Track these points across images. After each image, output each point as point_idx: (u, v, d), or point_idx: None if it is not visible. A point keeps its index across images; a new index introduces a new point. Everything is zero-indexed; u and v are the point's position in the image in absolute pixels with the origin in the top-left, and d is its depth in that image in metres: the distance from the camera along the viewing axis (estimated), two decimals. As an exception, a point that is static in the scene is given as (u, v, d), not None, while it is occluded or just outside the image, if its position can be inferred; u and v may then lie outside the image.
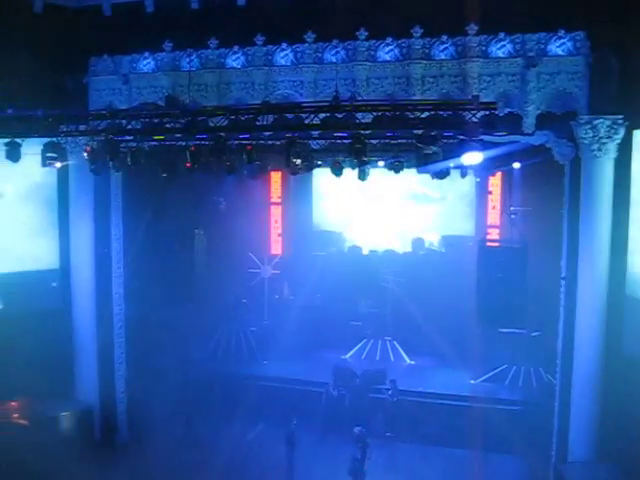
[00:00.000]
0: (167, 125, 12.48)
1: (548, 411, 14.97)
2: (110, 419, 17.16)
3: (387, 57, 14.09)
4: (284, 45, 14.73)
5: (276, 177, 21.03)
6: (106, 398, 17.10)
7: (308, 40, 14.59)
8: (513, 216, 18.27)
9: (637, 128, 13.10)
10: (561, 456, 14.26)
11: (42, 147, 13.06)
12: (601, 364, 13.55)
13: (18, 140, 12.93)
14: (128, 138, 12.96)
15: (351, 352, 20.46)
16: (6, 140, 12.95)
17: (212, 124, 12.45)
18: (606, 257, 13.44)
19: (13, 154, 12.94)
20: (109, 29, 16.32)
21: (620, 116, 13.03)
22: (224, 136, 11.99)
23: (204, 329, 20.04)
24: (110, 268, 16.74)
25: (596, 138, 13.13)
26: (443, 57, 13.81)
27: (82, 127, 13.06)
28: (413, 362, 20.12)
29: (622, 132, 13.12)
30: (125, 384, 17.30)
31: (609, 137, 13.09)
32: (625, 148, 13.29)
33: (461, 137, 11.15)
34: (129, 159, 12.73)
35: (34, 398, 15.94)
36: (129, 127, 12.62)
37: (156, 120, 12.67)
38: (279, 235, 21.56)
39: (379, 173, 14.34)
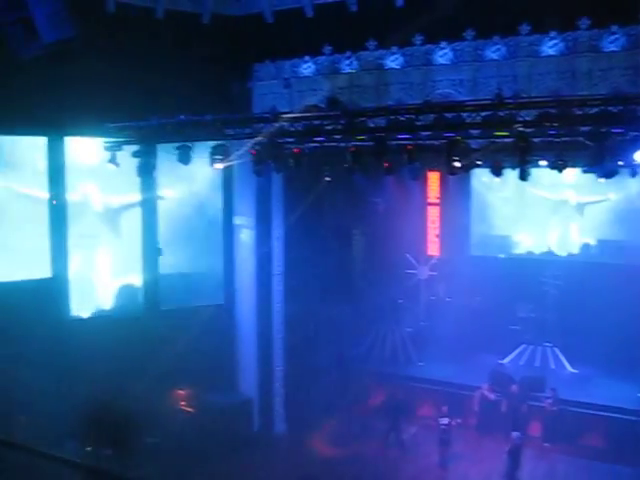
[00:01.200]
0: (327, 127, 12.72)
1: None
2: (268, 411, 17.77)
3: (551, 51, 13.55)
4: (443, 44, 14.59)
5: (434, 177, 20.75)
6: (265, 391, 17.74)
7: (467, 38, 14.33)
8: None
9: None
10: None
11: (210, 149, 13.73)
12: None
13: (188, 144, 13.69)
14: (290, 140, 13.34)
15: (509, 357, 19.83)
16: (178, 144, 13.76)
17: (372, 125, 12.55)
18: None
19: (184, 157, 13.74)
20: (271, 36, 16.92)
21: None
22: (384, 136, 12.03)
23: (360, 328, 20.22)
24: (271, 267, 17.35)
25: None
26: (613, 49, 13.06)
27: (247, 130, 13.60)
28: (576, 371, 19.15)
29: None
30: (283, 378, 17.82)
31: None
32: None
33: (633, 134, 10.47)
34: (291, 161, 13.10)
35: (199, 388, 16.82)
36: (291, 129, 12.98)
37: (316, 122, 12.95)
38: (436, 236, 21.26)
39: (543, 172, 13.83)
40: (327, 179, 13.76)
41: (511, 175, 12.58)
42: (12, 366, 13.85)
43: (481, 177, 20.03)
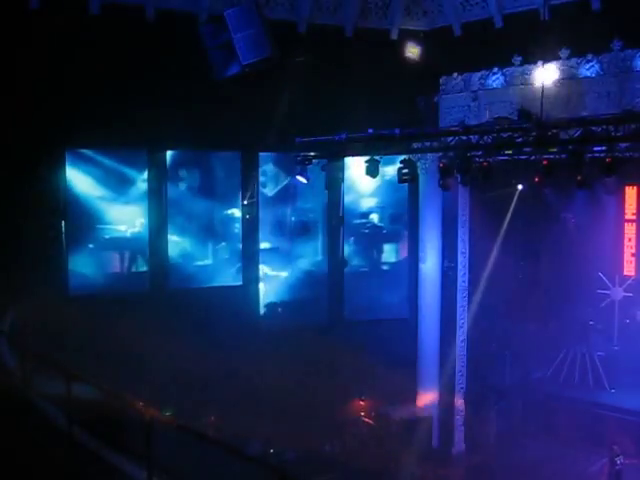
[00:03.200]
0: (518, 139, 12.37)
1: None
2: (448, 429, 17.48)
3: None
4: (644, 49, 13.68)
5: (631, 192, 19.44)
6: (445, 408, 17.48)
7: (675, 40, 13.37)
8: None
9: None
10: None
11: (398, 164, 13.86)
12: None
13: (377, 157, 13.91)
14: (477, 153, 13.13)
15: None
16: (367, 157, 14.02)
17: (564, 137, 12.03)
18: None
19: (373, 170, 13.97)
20: (458, 48, 16.80)
21: None
22: (579, 149, 11.49)
23: (547, 349, 19.34)
24: (456, 281, 17.12)
25: None
26: None
27: (434, 144, 13.56)
28: None
29: None
30: (464, 397, 17.48)
31: None
32: None
33: None
34: (480, 174, 12.89)
35: (379, 399, 16.92)
36: (480, 142, 12.78)
37: (505, 135, 12.64)
38: (633, 255, 19.87)
39: None
40: (519, 187, 13.25)
41: None
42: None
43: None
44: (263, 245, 17.30)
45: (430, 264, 17.19)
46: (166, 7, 15.65)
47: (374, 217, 18.96)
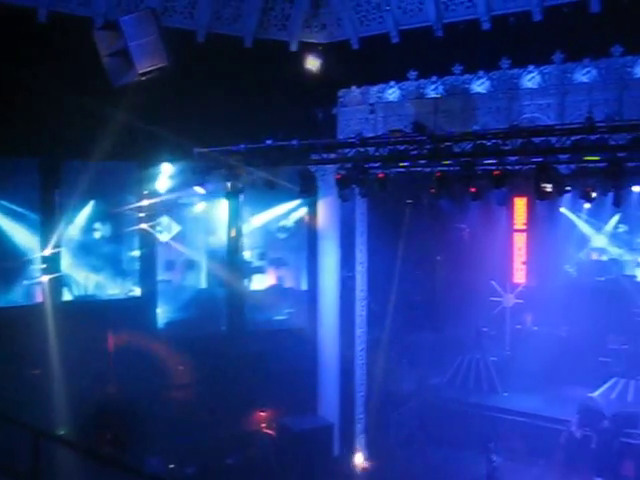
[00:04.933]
0: (413, 152, 12.70)
1: None
2: (349, 437, 17.64)
3: (645, 73, 13.13)
4: (531, 67, 14.38)
5: (520, 203, 20.34)
6: (346, 417, 17.64)
7: (556, 61, 14.08)
8: None
9: None
10: None
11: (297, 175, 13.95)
12: None
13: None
14: (375, 165, 13.39)
15: (599, 390, 19.00)
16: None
17: (457, 150, 12.45)
18: None
19: (271, 182, 14.00)
20: (356, 62, 17.08)
21: None
22: (470, 162, 11.92)
23: (443, 355, 19.91)
24: (354, 291, 17.35)
25: None
26: None
27: (332, 155, 13.73)
28: (672, 406, 18.22)
29: None
30: (364, 405, 17.70)
31: None
32: None
33: None
34: (376, 185, 13.13)
35: (280, 410, 16.90)
36: (376, 154, 13.03)
37: (402, 147, 12.96)
38: (523, 263, 20.76)
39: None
40: (408, 201, 13.65)
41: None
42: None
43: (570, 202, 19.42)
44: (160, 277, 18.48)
45: (329, 273, 17.37)
46: (60, 10, 15.16)
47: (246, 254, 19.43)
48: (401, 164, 13.30)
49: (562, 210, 19.88)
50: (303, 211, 18.26)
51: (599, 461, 16.32)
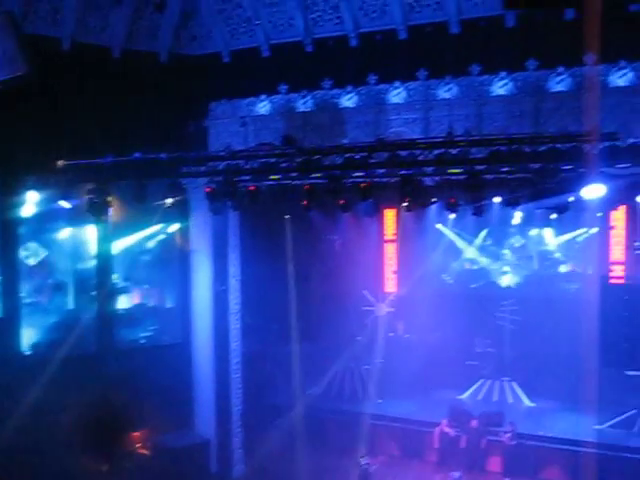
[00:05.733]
0: (283, 165, 12.82)
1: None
2: (226, 452, 17.49)
3: (501, 91, 13.93)
4: (397, 83, 14.88)
5: (390, 214, 20.98)
6: (223, 432, 17.47)
7: (420, 77, 14.65)
8: (638, 252, 17.38)
9: None
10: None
11: (166, 188, 13.73)
12: None
13: (143, 182, 13.66)
14: (246, 178, 13.40)
15: (467, 392, 19.90)
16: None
17: (327, 163, 12.69)
18: None
19: (140, 196, 13.68)
20: (227, 75, 17.04)
21: None
22: (339, 175, 12.17)
23: (319, 366, 20.14)
24: (227, 305, 17.24)
25: None
26: (560, 89, 13.50)
27: (202, 169, 13.62)
28: (533, 404, 19.29)
29: None
30: (241, 418, 17.59)
31: None
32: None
33: (581, 170, 10.79)
34: (247, 199, 13.15)
35: (155, 429, 16.50)
36: (246, 167, 13.05)
37: (272, 160, 13.06)
38: (393, 272, 21.38)
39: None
40: (286, 217, 13.79)
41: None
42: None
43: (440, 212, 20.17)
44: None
45: (201, 288, 17.19)
46: None
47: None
48: (272, 177, 13.37)
49: (438, 226, 20.73)
50: (175, 227, 17.92)
51: (469, 459, 17.08)
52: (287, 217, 15.12)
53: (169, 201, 13.92)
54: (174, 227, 17.75)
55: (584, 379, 17.10)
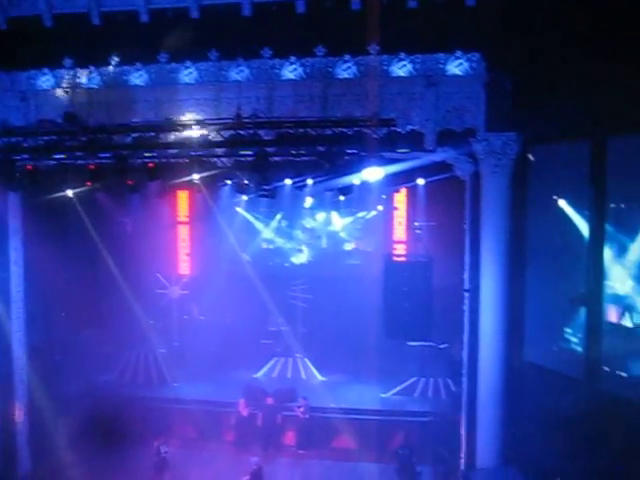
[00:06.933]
0: (68, 143, 12.16)
1: (457, 421, 15.31)
2: (11, 450, 16.42)
3: (291, 76, 14.21)
4: (188, 63, 14.64)
5: (183, 196, 20.75)
6: (6, 429, 16.36)
7: (212, 58, 14.55)
8: (418, 231, 18.70)
9: (530, 145, 13.69)
10: (470, 463, 14.60)
11: None
12: (504, 373, 13.98)
13: None
14: (25, 157, 12.53)
15: (262, 371, 20.38)
16: None
17: (115, 142, 12.22)
18: (506, 269, 13.90)
19: None
20: (5, 44, 15.76)
21: (513, 133, 13.58)
22: (126, 154, 11.78)
23: (111, 352, 19.54)
24: (9, 293, 16.09)
25: (493, 154, 13.64)
26: (346, 76, 14.03)
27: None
28: (325, 379, 20.19)
29: (516, 148, 13.67)
30: (27, 413, 16.58)
31: (504, 153, 13.62)
32: (521, 164, 13.87)
33: (363, 153, 11.35)
34: (26, 179, 12.31)
35: None
36: (26, 145, 12.22)
37: (55, 138, 12.33)
38: (187, 255, 21.22)
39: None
40: (72, 198, 13.05)
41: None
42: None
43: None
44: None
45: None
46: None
47: None
48: (56, 156, 12.61)
49: (238, 209, 20.80)
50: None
51: (265, 436, 17.52)
52: (74, 199, 14.32)
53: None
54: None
55: (370, 352, 18.35)
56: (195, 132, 12.27)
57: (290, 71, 14.24)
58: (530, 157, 13.88)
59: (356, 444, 17.15)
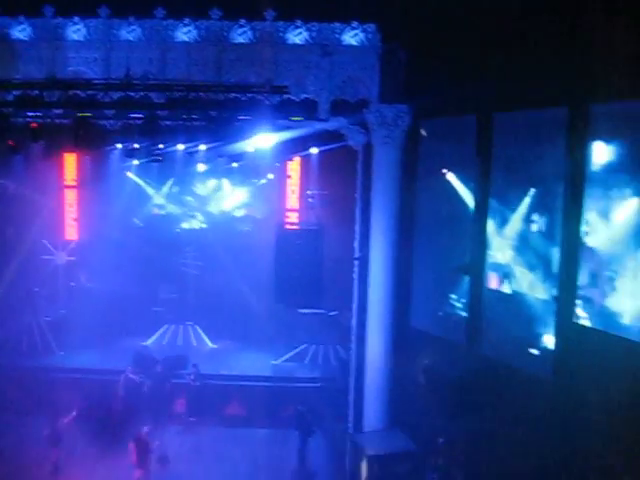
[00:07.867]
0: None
1: (346, 386, 15.68)
2: None
3: (185, 38, 13.88)
4: (76, 19, 14.00)
5: (70, 159, 19.89)
6: None
7: (102, 15, 13.96)
8: (311, 200, 18.82)
9: (421, 118, 14.00)
10: (358, 427, 15.02)
11: None
12: (391, 339, 14.41)
13: None
14: None
15: (152, 338, 20.13)
16: None
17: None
18: (395, 238, 14.26)
19: None
20: None
21: (405, 106, 13.85)
22: (7, 113, 11.20)
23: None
24: None
25: (384, 126, 13.88)
26: (241, 41, 13.85)
27: None
28: (216, 346, 20.18)
29: (408, 121, 13.95)
30: None
31: (396, 125, 13.89)
32: (412, 136, 14.18)
33: (256, 120, 11.28)
34: None
35: None
36: None
37: None
38: (74, 220, 20.41)
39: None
40: None
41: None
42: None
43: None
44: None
45: None
46: None
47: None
48: None
49: (129, 174, 20.18)
50: None
51: (154, 403, 17.29)
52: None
53: None
54: None
55: (261, 319, 18.49)
56: (82, 92, 11.82)
57: (184, 33, 13.90)
58: (422, 132, 14.22)
59: (247, 411, 17.29)
